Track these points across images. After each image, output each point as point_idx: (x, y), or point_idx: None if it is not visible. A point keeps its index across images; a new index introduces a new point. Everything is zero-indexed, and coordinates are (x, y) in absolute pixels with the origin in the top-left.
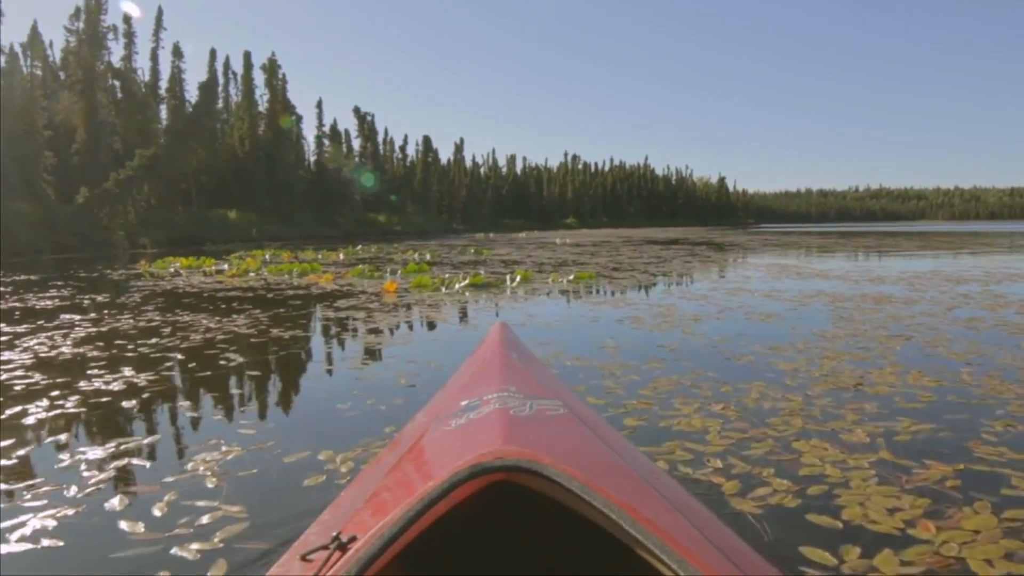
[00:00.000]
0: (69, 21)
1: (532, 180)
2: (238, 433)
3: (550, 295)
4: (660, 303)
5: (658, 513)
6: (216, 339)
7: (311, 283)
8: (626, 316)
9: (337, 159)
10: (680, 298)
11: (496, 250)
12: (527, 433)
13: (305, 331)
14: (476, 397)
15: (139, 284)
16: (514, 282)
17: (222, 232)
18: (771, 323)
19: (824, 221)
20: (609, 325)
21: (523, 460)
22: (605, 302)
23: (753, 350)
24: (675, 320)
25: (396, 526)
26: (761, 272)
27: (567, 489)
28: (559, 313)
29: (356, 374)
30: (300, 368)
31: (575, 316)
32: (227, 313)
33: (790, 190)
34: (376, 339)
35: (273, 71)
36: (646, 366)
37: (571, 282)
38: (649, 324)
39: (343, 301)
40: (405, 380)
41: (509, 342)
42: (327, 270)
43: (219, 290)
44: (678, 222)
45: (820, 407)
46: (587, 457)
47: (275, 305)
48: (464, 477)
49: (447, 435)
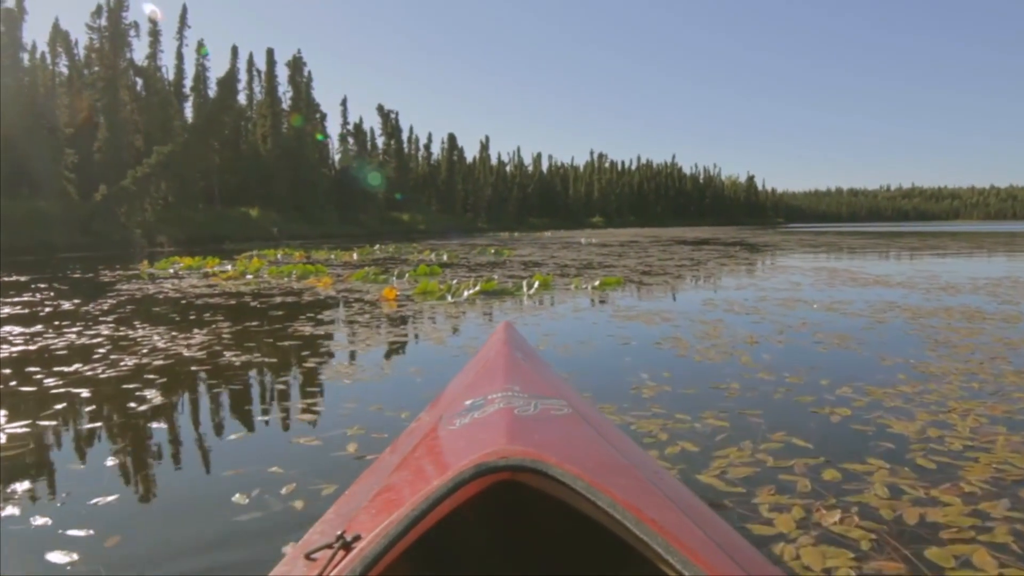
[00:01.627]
0: (91, 19)
1: (558, 179)
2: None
3: (571, 306)
4: (703, 318)
5: (663, 513)
6: (150, 366)
7: (308, 287)
8: (664, 336)
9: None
10: (726, 311)
11: (518, 250)
12: (532, 433)
13: (265, 355)
14: (480, 396)
15: (126, 287)
16: (531, 289)
17: (243, 230)
18: (850, 350)
19: (854, 221)
20: (644, 350)
21: (528, 460)
22: (637, 315)
23: (844, 397)
24: (726, 344)
25: (400, 525)
26: (809, 277)
27: (572, 489)
28: (581, 331)
29: (293, 432)
30: (221, 421)
31: (600, 336)
32: (191, 326)
33: (819, 189)
34: (342, 370)
35: (297, 68)
36: (702, 424)
37: (596, 289)
38: (695, 350)
39: (332, 312)
40: (356, 446)
41: (514, 341)
42: (332, 272)
43: (204, 295)
44: (706, 221)
45: (1000, 519)
46: (592, 457)
47: (253, 316)
48: (469, 476)
49: (451, 434)
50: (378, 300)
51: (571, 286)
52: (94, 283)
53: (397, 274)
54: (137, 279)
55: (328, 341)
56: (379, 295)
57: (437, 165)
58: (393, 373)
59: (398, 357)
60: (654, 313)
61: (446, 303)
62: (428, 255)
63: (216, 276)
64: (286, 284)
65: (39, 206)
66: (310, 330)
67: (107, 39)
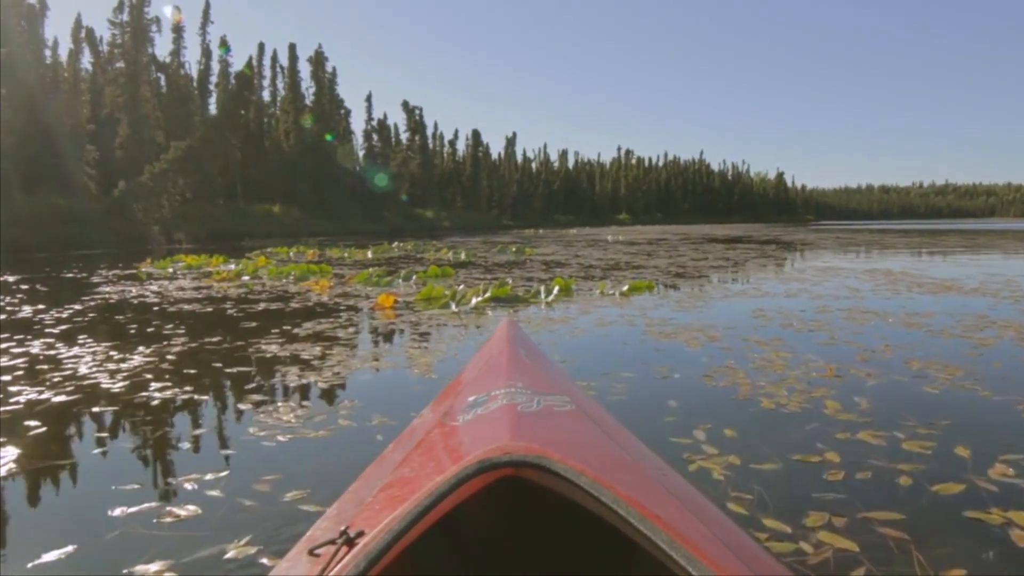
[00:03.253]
0: (112, 14)
1: (584, 175)
2: None
3: (596, 317)
4: (757, 336)
5: (667, 510)
6: (45, 404)
7: (303, 291)
8: (714, 365)
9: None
10: (783, 325)
11: (541, 248)
12: (535, 429)
13: (198, 390)
14: (483, 393)
15: (108, 290)
16: (549, 296)
17: (263, 227)
18: (968, 391)
19: (886, 218)
20: (691, 388)
21: (531, 455)
22: (675, 331)
23: (1009, 486)
24: (798, 377)
25: (404, 521)
26: (866, 281)
27: (575, 485)
28: (606, 356)
29: (153, 539)
30: (80, 506)
31: (632, 363)
32: (140, 343)
33: (850, 186)
34: (282, 418)
35: (319, 63)
36: (812, 547)
37: (624, 295)
38: (758, 388)
39: (314, 323)
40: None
41: (516, 338)
42: (338, 272)
43: (183, 300)
44: (734, 219)
45: None
46: (595, 453)
47: (220, 329)
48: (472, 473)
49: (454, 431)
50: (372, 308)
51: (595, 291)
52: (80, 284)
53: (404, 276)
54: (130, 280)
55: (287, 368)
56: (374, 302)
57: (462, 162)
58: (347, 424)
59: (363, 397)
60: (696, 328)
61: (449, 312)
62: (446, 253)
63: (211, 277)
64: (280, 287)
65: (57, 202)
66: (275, 350)
67: (129, 35)
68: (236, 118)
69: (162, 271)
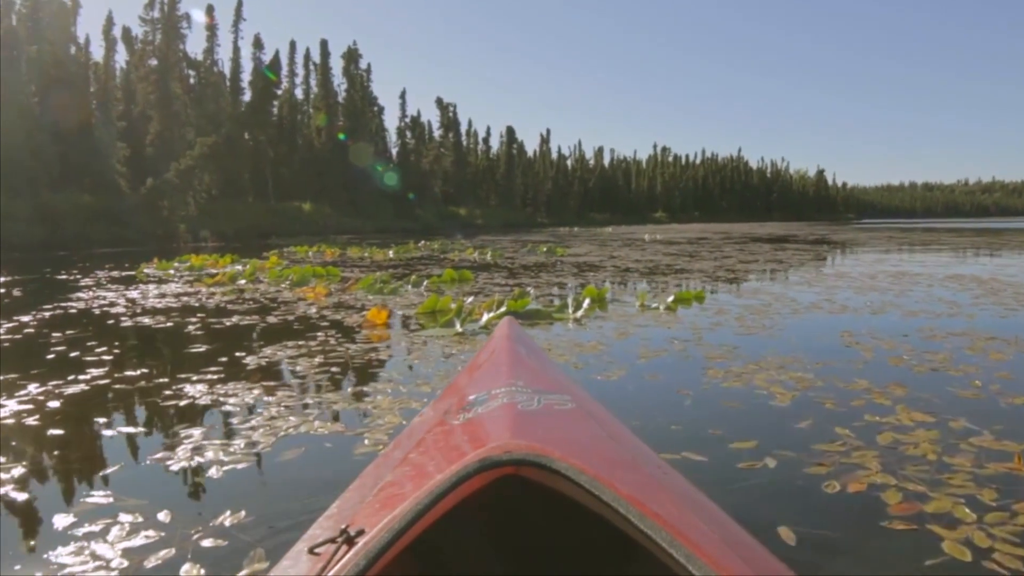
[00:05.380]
0: (144, 11)
1: (620, 173)
2: None
3: (637, 341)
4: (865, 379)
5: (667, 508)
6: None
7: (294, 299)
8: (821, 440)
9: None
10: (891, 361)
11: (574, 248)
12: (535, 427)
13: (40, 470)
14: (484, 391)
15: (85, 296)
16: (579, 309)
17: (292, 225)
18: None
19: (930, 216)
20: (799, 493)
21: (531, 454)
22: (746, 369)
23: None
24: (968, 469)
25: (404, 520)
26: (957, 291)
27: (575, 483)
28: (658, 412)
29: None
30: None
31: (695, 432)
32: (49, 373)
33: (891, 184)
34: (118, 546)
35: (352, 60)
36: None
37: (670, 309)
38: (915, 499)
39: (278, 348)
40: None
41: (517, 336)
42: (349, 274)
43: (151, 310)
44: (773, 217)
45: None
46: (595, 451)
47: (159, 354)
48: (472, 471)
49: (455, 429)
50: (360, 326)
51: (635, 303)
52: (61, 288)
53: (413, 282)
54: (125, 282)
55: (188, 431)
56: (363, 317)
57: (496, 159)
58: (212, 548)
59: (258, 501)
60: (773, 364)
61: (452, 334)
62: (471, 253)
63: (202, 281)
64: (272, 294)
65: (84, 200)
66: (197, 394)
67: (160, 31)
68: (261, 114)
69: (163, 272)
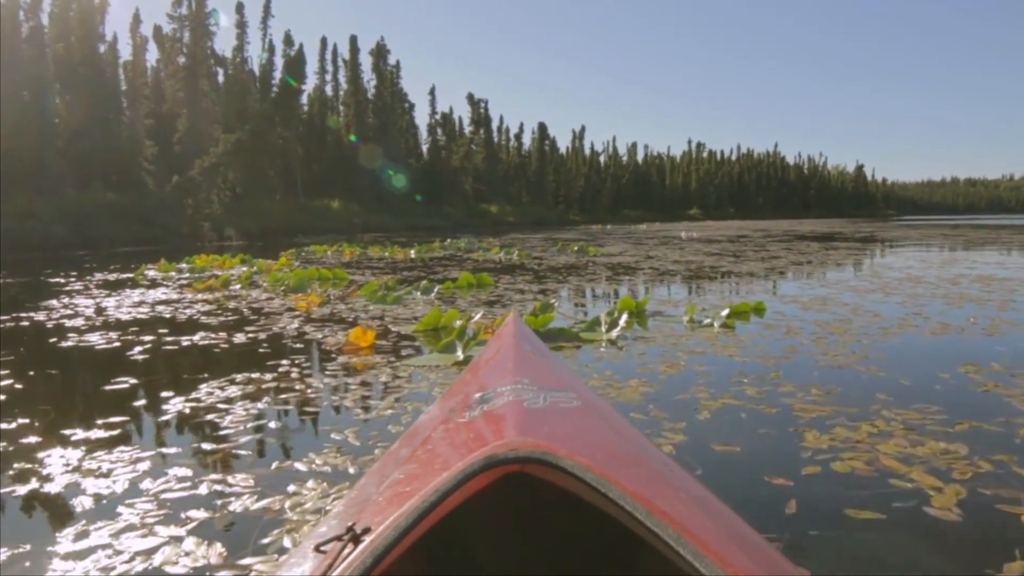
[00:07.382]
0: (171, 8)
1: (654, 169)
2: None
3: (689, 380)
4: None
5: (674, 505)
6: None
7: (284, 308)
8: None
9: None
10: None
11: (607, 247)
12: (541, 425)
13: None
14: (490, 389)
15: (63, 302)
16: (614, 328)
17: (320, 223)
18: None
19: (973, 213)
20: None
21: (537, 451)
22: (855, 430)
23: None
24: None
25: (410, 518)
26: None
27: (582, 480)
28: (740, 512)
29: None
30: None
31: (807, 563)
32: None
33: (933, 179)
34: None
35: (380, 56)
36: None
37: (726, 326)
38: None
39: (224, 383)
40: None
41: (522, 334)
42: (360, 278)
43: (113, 324)
44: (811, 214)
45: None
46: (602, 449)
47: (78, 389)
48: (478, 469)
49: (461, 427)
50: (340, 349)
51: (682, 317)
52: (45, 291)
53: (423, 288)
54: (120, 286)
55: (36, 526)
56: (345, 339)
57: (528, 156)
58: None
59: None
60: (895, 423)
61: (451, 362)
62: (496, 253)
63: (191, 287)
64: (260, 303)
65: (108, 199)
66: (62, 472)
67: (188, 28)
68: (287, 110)
69: (163, 274)
